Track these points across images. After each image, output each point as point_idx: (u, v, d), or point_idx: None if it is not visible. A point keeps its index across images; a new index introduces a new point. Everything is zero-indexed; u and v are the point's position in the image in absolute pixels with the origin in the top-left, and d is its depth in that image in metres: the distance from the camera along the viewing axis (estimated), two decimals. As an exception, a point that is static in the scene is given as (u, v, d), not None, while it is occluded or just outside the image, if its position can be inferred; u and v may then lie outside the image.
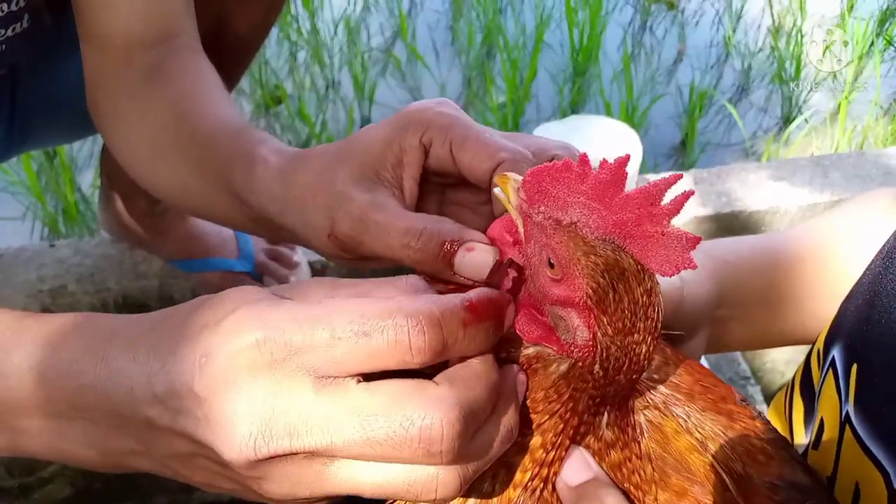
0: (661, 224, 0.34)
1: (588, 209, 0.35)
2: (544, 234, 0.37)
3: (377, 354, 0.31)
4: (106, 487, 1.09)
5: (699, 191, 1.23)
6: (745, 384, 1.07)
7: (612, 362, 0.35)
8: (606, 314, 0.35)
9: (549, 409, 0.37)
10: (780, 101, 2.04)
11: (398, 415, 0.31)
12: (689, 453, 0.39)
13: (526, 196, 0.37)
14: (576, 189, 0.36)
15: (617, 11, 2.28)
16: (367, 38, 2.14)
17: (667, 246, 0.34)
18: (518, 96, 1.86)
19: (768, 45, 2.17)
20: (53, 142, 1.27)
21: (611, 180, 0.35)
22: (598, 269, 0.35)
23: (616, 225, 0.35)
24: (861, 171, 1.29)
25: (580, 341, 0.36)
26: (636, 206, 0.35)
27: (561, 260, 0.36)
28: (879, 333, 0.49)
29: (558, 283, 0.36)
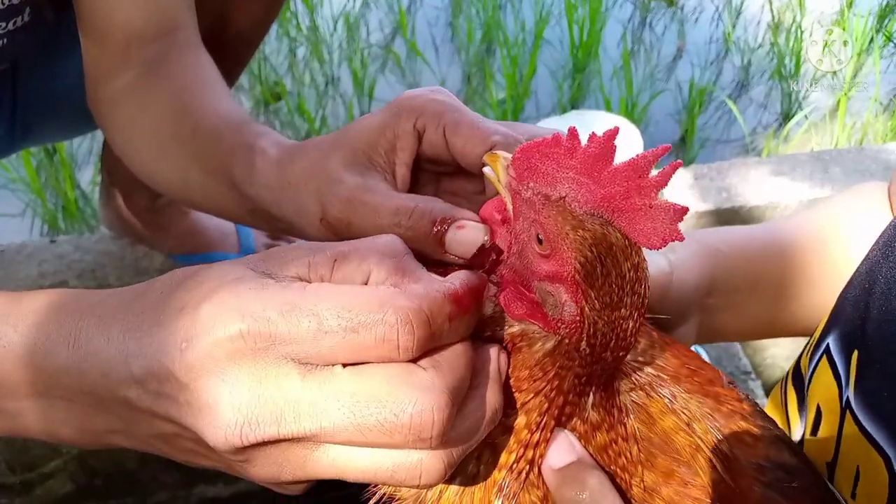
0: (649, 196, 0.34)
1: (577, 183, 0.35)
2: (533, 210, 0.37)
3: (364, 350, 0.31)
4: (107, 483, 1.09)
5: (699, 186, 1.24)
6: (745, 378, 1.08)
7: (600, 338, 0.35)
8: (594, 288, 0.35)
9: (535, 388, 0.37)
10: (779, 97, 2.04)
11: (389, 401, 0.31)
12: (674, 433, 0.39)
13: (515, 173, 0.37)
14: (565, 164, 0.36)
15: (617, 8, 2.28)
16: (367, 34, 2.14)
17: (654, 218, 0.34)
18: (518, 93, 1.86)
19: (768, 41, 2.17)
20: (54, 138, 1.27)
21: (599, 153, 0.35)
22: (586, 244, 0.35)
23: (604, 199, 0.35)
24: (861, 167, 1.29)
25: (567, 317, 0.36)
26: (624, 179, 0.35)
27: (549, 235, 0.36)
28: (879, 320, 0.49)
29: (546, 258, 0.36)
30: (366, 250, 0.35)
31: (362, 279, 0.34)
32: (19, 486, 1.07)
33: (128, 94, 0.62)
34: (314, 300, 0.31)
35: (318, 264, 0.34)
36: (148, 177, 0.63)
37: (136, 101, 0.61)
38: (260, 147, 0.51)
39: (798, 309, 0.62)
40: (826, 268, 0.61)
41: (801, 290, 0.61)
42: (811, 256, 0.61)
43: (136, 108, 0.61)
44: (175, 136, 0.58)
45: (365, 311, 0.31)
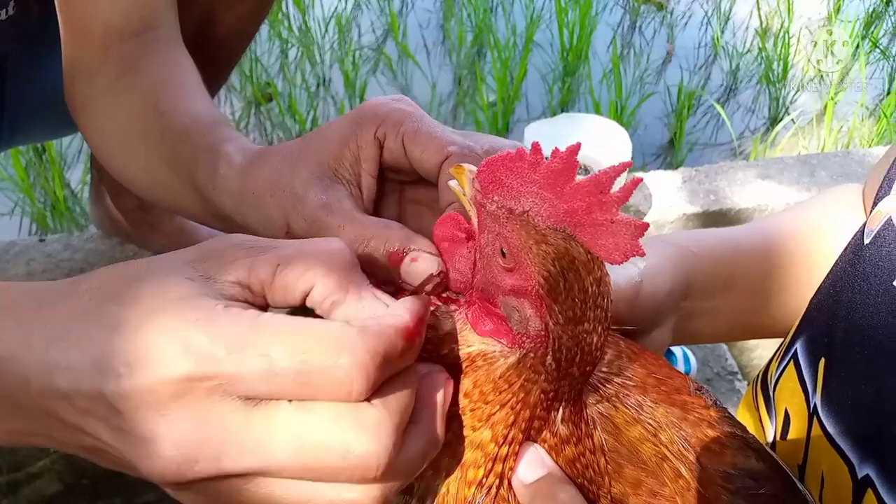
0: (611, 212, 0.35)
1: (540, 198, 0.35)
2: (497, 224, 0.37)
3: (315, 391, 0.30)
4: (94, 483, 1.09)
5: (687, 189, 1.25)
6: (732, 379, 1.09)
7: (565, 353, 0.36)
8: (557, 303, 0.35)
9: (500, 400, 0.37)
10: (767, 101, 2.06)
11: (335, 441, 0.30)
12: (641, 444, 0.39)
13: (480, 186, 0.37)
14: (528, 178, 0.36)
15: (606, 12, 2.30)
16: (358, 35, 2.14)
17: (615, 234, 0.35)
18: (508, 95, 1.87)
19: (756, 46, 2.19)
20: (42, 137, 1.27)
21: (562, 169, 0.35)
22: (548, 258, 0.35)
23: (567, 213, 0.35)
24: (847, 170, 1.31)
25: (532, 331, 0.36)
26: (586, 194, 0.35)
27: (513, 249, 0.36)
28: (845, 328, 0.49)
29: (510, 272, 0.36)
30: (312, 259, 0.33)
31: (304, 289, 0.33)
32: (6, 486, 1.07)
33: (103, 91, 0.61)
34: (267, 339, 0.30)
35: (260, 268, 0.33)
36: (118, 174, 0.62)
37: (111, 98, 0.61)
38: (225, 152, 0.50)
39: (775, 310, 0.62)
40: (802, 269, 0.61)
41: (778, 292, 0.61)
42: (787, 258, 0.61)
43: (111, 104, 0.61)
44: (144, 135, 0.57)
45: (319, 354, 0.30)
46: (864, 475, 0.46)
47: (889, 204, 0.50)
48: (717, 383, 1.08)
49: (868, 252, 0.49)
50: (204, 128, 0.54)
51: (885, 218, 0.49)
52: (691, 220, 1.21)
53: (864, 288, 0.49)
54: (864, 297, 0.48)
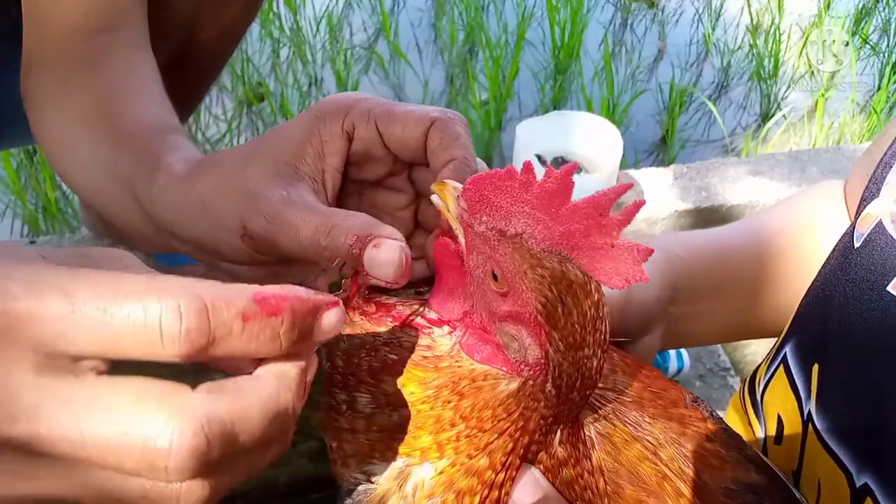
0: (611, 235, 0.33)
1: (533, 219, 0.34)
2: (488, 246, 0.35)
3: (120, 336, 0.26)
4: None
5: (679, 186, 1.25)
6: (724, 375, 1.09)
7: (565, 379, 0.34)
8: (557, 329, 0.33)
9: (498, 428, 0.36)
10: (758, 98, 2.06)
11: (123, 418, 0.25)
12: (640, 463, 0.38)
13: (467, 205, 0.35)
14: (520, 198, 0.34)
15: (598, 9, 2.30)
16: (350, 35, 2.14)
17: (616, 258, 0.33)
18: (500, 93, 1.87)
19: (747, 43, 2.20)
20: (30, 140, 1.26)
21: (557, 189, 0.33)
22: (545, 283, 0.33)
23: (563, 236, 0.33)
24: (838, 166, 1.31)
25: (531, 359, 0.35)
26: (584, 216, 0.33)
27: (506, 273, 0.34)
28: (837, 334, 0.49)
29: (504, 297, 0.35)
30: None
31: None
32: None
33: (57, 88, 0.59)
34: (71, 276, 0.26)
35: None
36: (62, 175, 0.59)
37: (63, 96, 0.58)
38: (165, 162, 0.47)
39: (766, 310, 0.61)
40: (791, 268, 0.60)
41: (768, 292, 0.61)
42: (776, 257, 0.61)
43: (62, 103, 0.58)
44: (90, 139, 0.55)
45: (128, 291, 0.26)
46: (863, 484, 0.46)
47: (878, 206, 0.49)
48: (710, 379, 1.08)
49: (859, 256, 0.48)
50: (149, 136, 0.51)
51: (874, 221, 0.49)
52: (683, 216, 1.22)
53: (856, 293, 0.48)
54: (857, 302, 0.48)
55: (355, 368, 0.39)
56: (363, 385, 0.39)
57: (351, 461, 0.39)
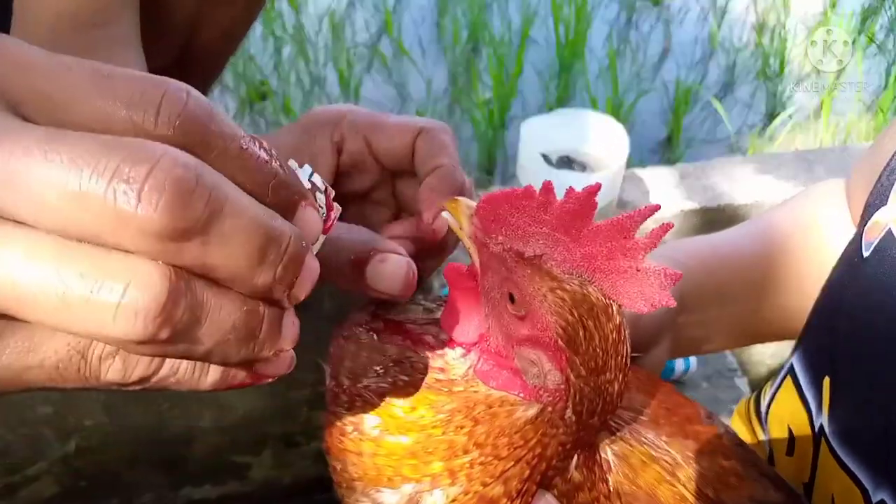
0: (636, 258, 0.32)
1: (553, 241, 0.33)
2: (504, 266, 0.34)
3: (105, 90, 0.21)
4: (92, 485, 1.08)
5: (685, 185, 1.24)
6: (731, 375, 1.08)
7: (586, 405, 0.34)
8: (578, 354, 0.33)
9: (515, 456, 0.35)
10: (764, 97, 2.06)
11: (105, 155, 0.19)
12: (658, 485, 0.37)
13: (481, 224, 0.34)
14: (538, 218, 0.33)
15: (602, 7, 2.29)
16: (353, 33, 2.14)
17: (642, 282, 0.32)
18: (504, 92, 1.86)
19: (753, 41, 2.19)
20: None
21: (578, 210, 0.32)
22: (566, 306, 0.32)
23: (584, 258, 0.32)
24: (844, 165, 1.31)
25: (551, 385, 0.34)
26: (607, 238, 0.32)
27: (525, 295, 0.33)
28: (848, 346, 0.48)
29: (522, 320, 0.34)
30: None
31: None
32: (3, 489, 1.06)
33: None
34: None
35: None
36: None
37: None
38: None
39: (772, 312, 0.61)
40: (797, 269, 0.60)
41: (775, 294, 0.60)
42: (782, 259, 0.60)
43: None
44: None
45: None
46: (879, 500, 0.45)
47: (887, 215, 0.48)
48: (717, 380, 1.08)
49: (868, 266, 0.48)
50: None
51: (884, 230, 0.48)
52: (688, 216, 1.21)
53: (866, 304, 0.47)
54: (869, 313, 0.47)
55: (363, 389, 0.38)
56: (370, 407, 0.38)
57: (357, 485, 0.38)
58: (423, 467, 0.36)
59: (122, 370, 0.22)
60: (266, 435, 1.03)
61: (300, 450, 1.05)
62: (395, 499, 0.36)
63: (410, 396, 0.37)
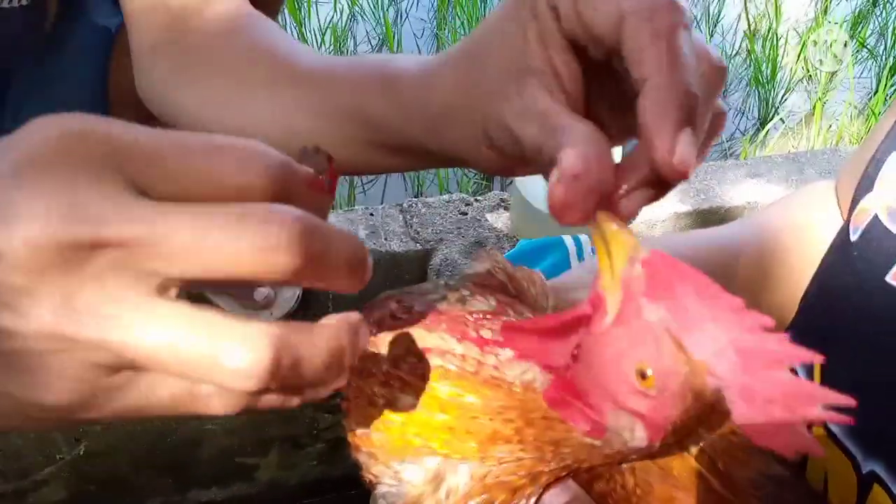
0: (798, 422, 0.30)
1: (723, 353, 0.29)
2: (654, 342, 0.30)
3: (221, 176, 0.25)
4: (100, 489, 1.10)
5: (678, 188, 1.27)
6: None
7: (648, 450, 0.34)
8: (675, 431, 0.32)
9: (558, 461, 0.35)
10: (756, 103, 2.08)
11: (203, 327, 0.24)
12: (671, 459, 0.38)
13: (647, 280, 0.30)
14: (723, 324, 0.29)
15: (598, 17, 2.32)
16: (354, 45, 2.17)
17: (792, 435, 0.30)
18: (502, 101, 1.89)
19: (745, 48, 2.22)
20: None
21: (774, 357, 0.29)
22: (694, 412, 0.31)
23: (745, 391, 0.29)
24: (835, 167, 1.33)
25: (631, 444, 0.33)
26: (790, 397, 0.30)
27: (668, 387, 0.30)
28: (839, 327, 0.50)
29: (644, 397, 0.31)
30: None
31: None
32: (12, 493, 1.08)
33: (197, 54, 0.54)
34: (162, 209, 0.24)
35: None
36: (234, 130, 0.53)
37: (209, 55, 0.54)
38: (396, 69, 0.43)
39: (768, 309, 0.61)
40: (790, 267, 0.61)
41: (768, 291, 0.61)
42: (777, 255, 0.61)
43: (211, 62, 0.54)
44: (269, 81, 0.50)
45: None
46: (869, 471, 0.46)
47: (873, 201, 0.50)
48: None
49: (856, 249, 0.49)
50: (348, 62, 0.47)
51: (870, 215, 0.49)
52: (682, 218, 1.23)
53: (855, 285, 0.49)
54: (858, 293, 0.48)
55: (402, 373, 0.37)
56: (409, 387, 0.37)
57: (378, 453, 0.38)
58: (456, 443, 0.35)
59: (225, 404, 0.26)
60: (272, 437, 1.05)
61: (306, 451, 1.07)
62: (419, 473, 0.36)
63: (459, 385, 0.36)
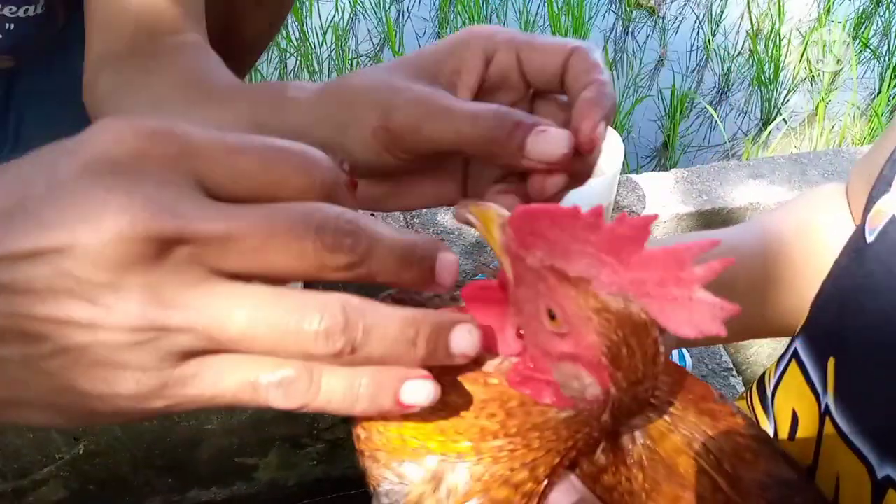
0: (690, 289, 0.32)
1: (598, 262, 0.32)
2: (544, 284, 0.33)
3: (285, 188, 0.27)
4: (100, 489, 1.10)
5: (680, 189, 1.26)
6: (727, 375, 1.10)
7: (623, 410, 0.34)
8: (621, 369, 0.33)
9: (547, 447, 0.35)
10: (759, 103, 2.08)
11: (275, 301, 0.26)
12: (677, 457, 0.38)
13: (516, 236, 0.34)
14: (583, 238, 0.32)
15: (599, 17, 2.32)
16: (356, 44, 2.17)
17: (693, 310, 0.32)
18: (504, 101, 1.88)
19: (747, 48, 2.22)
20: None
21: (631, 237, 0.32)
22: (611, 327, 0.32)
23: (633, 283, 0.32)
24: (838, 168, 1.33)
25: (590, 397, 0.34)
26: (660, 266, 0.31)
27: (568, 316, 0.33)
28: (854, 327, 0.49)
29: (563, 337, 0.33)
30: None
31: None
32: (11, 493, 1.08)
33: (134, 73, 0.59)
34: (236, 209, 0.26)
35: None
36: None
37: (143, 76, 0.58)
38: (293, 84, 0.48)
39: (772, 312, 0.62)
40: (798, 268, 0.61)
41: (775, 292, 0.61)
42: (783, 257, 0.61)
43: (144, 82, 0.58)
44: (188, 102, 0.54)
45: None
46: (885, 475, 0.46)
47: (890, 202, 0.50)
48: (713, 380, 1.09)
49: (872, 250, 0.49)
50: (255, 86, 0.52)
51: (888, 216, 0.49)
52: (684, 219, 1.23)
53: (872, 286, 0.48)
54: (874, 294, 0.48)
55: None
56: None
57: (380, 455, 0.38)
58: (450, 444, 0.36)
59: (285, 397, 0.28)
60: (272, 436, 1.05)
61: (305, 451, 1.07)
62: (419, 472, 0.37)
63: (443, 382, 0.36)
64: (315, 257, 0.26)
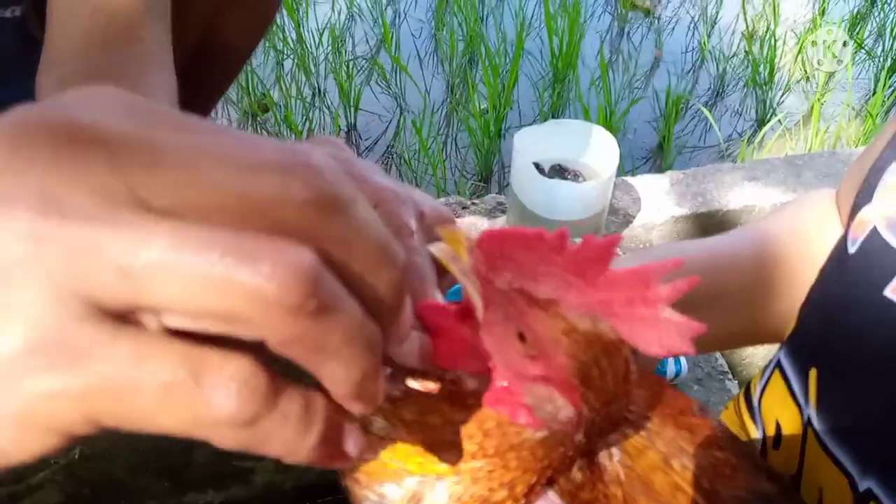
0: (656, 308, 0.32)
1: (564, 283, 0.32)
2: (513, 306, 0.33)
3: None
4: (95, 493, 1.10)
5: (676, 192, 1.27)
6: (722, 378, 1.10)
7: (596, 429, 0.35)
8: (592, 389, 0.33)
9: (524, 467, 0.35)
10: (754, 104, 2.08)
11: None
12: (653, 473, 0.38)
13: (484, 258, 0.33)
14: (549, 260, 0.32)
15: (595, 19, 2.32)
16: (352, 46, 2.17)
17: (661, 329, 0.32)
18: (500, 102, 1.89)
19: (742, 49, 2.22)
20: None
21: (596, 258, 0.32)
22: (580, 348, 0.32)
23: (601, 304, 0.32)
24: (833, 170, 1.33)
25: (563, 418, 0.34)
26: (626, 286, 0.32)
27: (538, 338, 0.33)
28: (835, 340, 0.49)
29: (534, 359, 0.33)
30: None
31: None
32: (6, 498, 1.08)
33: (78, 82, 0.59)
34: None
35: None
36: None
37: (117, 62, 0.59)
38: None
39: (764, 319, 0.62)
40: (788, 276, 0.61)
41: (765, 300, 0.61)
42: (775, 265, 0.61)
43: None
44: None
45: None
46: (866, 489, 0.46)
47: (871, 212, 0.50)
48: (708, 382, 1.10)
49: (854, 262, 0.49)
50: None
51: (869, 227, 0.49)
52: (679, 222, 1.23)
53: (853, 298, 0.48)
54: (855, 307, 0.48)
55: None
56: (379, 411, 0.38)
57: (361, 477, 0.39)
58: (429, 465, 0.36)
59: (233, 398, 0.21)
60: (267, 440, 1.05)
61: (301, 454, 1.07)
62: (398, 493, 0.37)
63: (421, 403, 0.37)
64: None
